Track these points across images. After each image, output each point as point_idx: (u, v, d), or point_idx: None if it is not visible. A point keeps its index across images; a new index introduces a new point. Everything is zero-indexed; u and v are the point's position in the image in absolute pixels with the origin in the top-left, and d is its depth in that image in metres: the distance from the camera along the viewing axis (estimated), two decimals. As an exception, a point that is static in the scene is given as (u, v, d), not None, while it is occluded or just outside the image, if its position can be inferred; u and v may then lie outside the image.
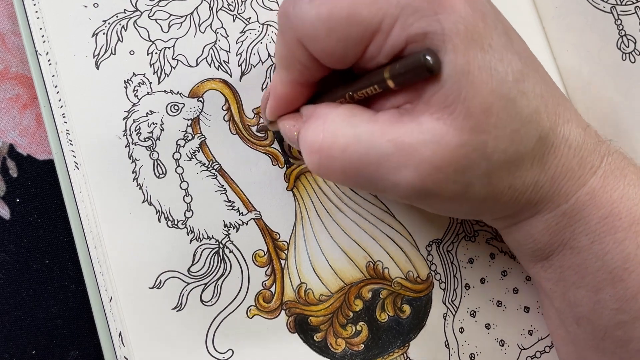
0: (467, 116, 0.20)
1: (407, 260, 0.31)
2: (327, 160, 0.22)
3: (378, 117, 0.22)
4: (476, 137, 0.20)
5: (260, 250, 0.29)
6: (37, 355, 0.29)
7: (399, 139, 0.21)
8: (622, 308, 0.24)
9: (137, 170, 0.28)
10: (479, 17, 0.20)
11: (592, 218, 0.24)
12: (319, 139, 0.22)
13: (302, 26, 0.21)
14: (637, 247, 0.23)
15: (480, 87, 0.20)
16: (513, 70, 0.21)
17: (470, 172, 0.21)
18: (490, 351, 0.31)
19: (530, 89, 0.21)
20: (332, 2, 0.20)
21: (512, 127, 0.21)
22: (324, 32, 0.21)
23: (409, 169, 0.21)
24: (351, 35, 0.21)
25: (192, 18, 0.30)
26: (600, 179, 0.24)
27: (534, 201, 0.24)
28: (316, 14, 0.21)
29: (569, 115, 0.23)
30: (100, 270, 0.27)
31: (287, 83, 0.24)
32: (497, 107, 0.20)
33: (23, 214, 0.29)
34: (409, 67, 0.20)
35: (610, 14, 0.31)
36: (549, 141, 0.22)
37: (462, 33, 0.20)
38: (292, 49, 0.22)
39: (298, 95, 0.25)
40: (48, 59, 0.28)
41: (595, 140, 0.24)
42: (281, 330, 0.29)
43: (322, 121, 0.23)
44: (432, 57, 0.19)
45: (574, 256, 0.24)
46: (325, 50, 0.22)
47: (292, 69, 0.24)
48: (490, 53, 0.20)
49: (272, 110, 0.26)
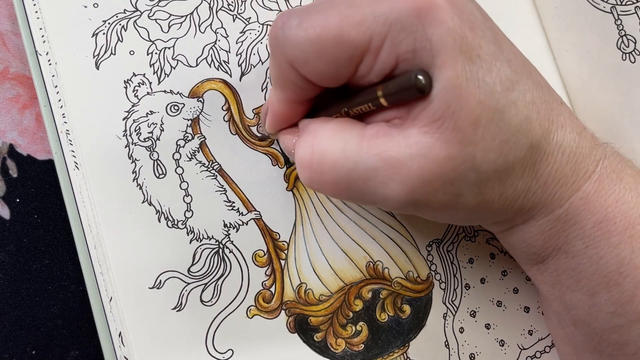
0: (455, 130, 0.20)
1: (407, 260, 0.31)
2: (317, 175, 0.23)
3: (366, 132, 0.22)
4: (464, 150, 0.20)
5: (260, 250, 0.29)
6: (37, 355, 0.29)
7: (385, 153, 0.21)
8: (617, 312, 0.24)
9: (137, 170, 0.28)
10: (466, 26, 0.20)
11: (587, 223, 0.23)
12: (309, 155, 0.23)
13: (292, 49, 0.21)
14: (632, 252, 0.23)
15: (468, 99, 0.20)
16: (502, 80, 0.21)
17: (459, 184, 0.21)
18: (490, 351, 0.31)
19: (521, 97, 0.21)
20: (320, 24, 0.21)
21: (500, 138, 0.21)
22: (313, 54, 0.21)
23: (397, 183, 0.21)
24: (341, 57, 0.21)
25: (192, 18, 0.30)
26: (595, 183, 0.23)
27: (527, 208, 0.24)
28: (304, 37, 0.21)
29: (563, 120, 0.23)
30: (100, 270, 0.27)
31: (283, 102, 0.25)
32: (485, 119, 0.20)
33: (23, 214, 0.29)
34: (401, 88, 0.20)
35: (610, 14, 0.31)
36: (541, 149, 0.22)
37: (449, 46, 0.19)
38: (284, 70, 0.23)
39: (295, 112, 0.25)
40: (48, 59, 0.28)
41: (590, 144, 0.24)
42: (281, 330, 0.29)
43: (312, 137, 0.23)
44: (424, 77, 0.20)
45: (569, 260, 0.24)
46: (316, 72, 0.22)
47: (286, 89, 0.24)
48: (478, 64, 0.20)
49: (271, 126, 0.26)
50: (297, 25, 0.21)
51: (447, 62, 0.20)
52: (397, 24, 0.20)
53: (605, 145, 0.25)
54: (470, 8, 0.21)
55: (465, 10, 0.20)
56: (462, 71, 0.20)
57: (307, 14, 0.21)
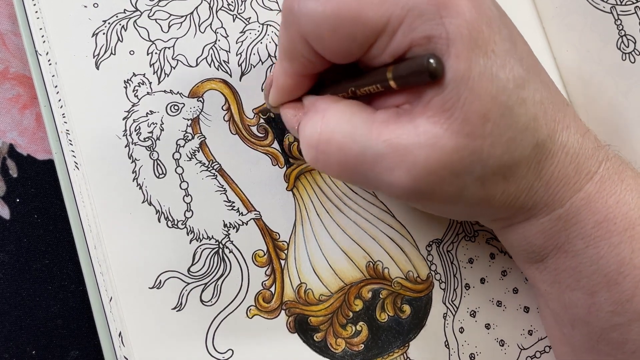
0: (464, 121, 0.20)
1: (407, 260, 0.31)
2: (323, 156, 0.22)
3: (376, 117, 0.22)
4: (472, 143, 0.20)
5: (260, 250, 0.29)
6: (37, 355, 0.29)
7: (394, 140, 0.21)
8: (617, 311, 0.24)
9: (137, 170, 0.28)
10: (484, 21, 0.20)
11: (587, 223, 0.24)
12: (317, 135, 0.22)
13: (307, 23, 0.21)
14: (632, 252, 0.23)
15: (480, 93, 0.20)
16: (514, 77, 0.21)
17: (464, 176, 0.21)
18: (490, 351, 0.31)
19: (530, 96, 0.21)
20: (338, 1, 0.20)
21: (508, 135, 0.21)
22: (328, 30, 0.21)
23: (403, 170, 0.21)
24: (356, 36, 0.21)
25: (192, 18, 0.30)
26: (597, 184, 0.23)
27: (528, 206, 0.24)
28: (322, 12, 0.21)
29: (568, 122, 0.23)
30: (100, 270, 0.27)
31: (290, 75, 0.24)
32: (495, 114, 0.20)
33: (23, 214, 0.29)
34: (412, 71, 0.20)
35: (610, 14, 0.31)
36: (546, 148, 0.22)
37: (465, 38, 0.19)
38: (295, 43, 0.22)
39: (301, 86, 0.25)
40: (48, 59, 0.28)
41: (594, 145, 0.24)
42: (281, 330, 0.29)
43: (320, 116, 0.23)
44: (436, 62, 0.19)
45: (569, 259, 0.24)
46: (329, 48, 0.22)
47: (295, 62, 0.23)
48: (493, 59, 0.20)
49: (274, 99, 0.26)
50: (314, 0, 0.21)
51: (462, 53, 0.19)
52: (416, 10, 0.20)
53: (607, 147, 0.25)
54: (488, 4, 0.21)
55: (483, 5, 0.20)
56: (475, 64, 0.20)
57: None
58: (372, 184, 0.22)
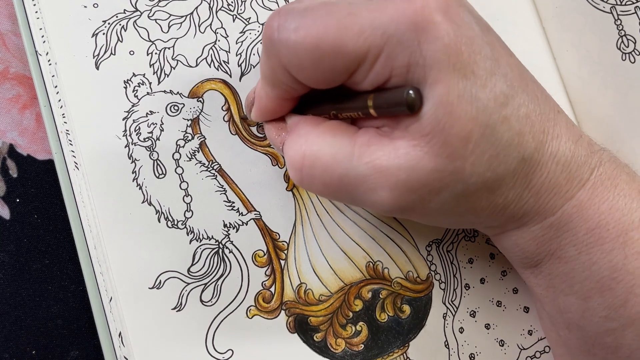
0: (444, 144, 0.20)
1: (407, 260, 0.31)
2: (308, 178, 0.23)
3: (357, 139, 0.22)
4: (452, 163, 0.20)
5: (260, 250, 0.29)
6: (37, 355, 0.29)
7: (376, 161, 0.21)
8: (610, 316, 0.24)
9: (137, 170, 0.28)
10: (463, 42, 0.20)
11: (580, 230, 0.23)
12: (300, 158, 0.23)
13: (287, 54, 0.21)
14: (624, 257, 0.23)
15: (460, 115, 0.20)
16: (496, 96, 0.21)
17: (445, 193, 0.21)
18: (490, 351, 0.31)
19: (514, 112, 0.21)
20: (318, 32, 0.20)
21: (490, 153, 0.21)
22: (308, 61, 0.21)
23: (385, 190, 0.21)
24: (336, 66, 0.21)
25: (192, 18, 0.30)
26: (589, 191, 0.23)
27: (518, 215, 0.24)
28: (301, 43, 0.21)
29: (558, 131, 0.23)
30: (100, 270, 0.27)
31: (272, 99, 0.25)
32: (477, 134, 0.20)
33: (23, 214, 0.29)
34: (391, 102, 0.21)
35: (610, 14, 0.31)
36: (534, 160, 0.22)
37: (443, 63, 0.19)
38: (277, 72, 0.23)
39: (283, 107, 0.25)
40: (48, 59, 0.28)
41: (586, 152, 0.24)
42: (281, 330, 0.29)
43: (304, 140, 0.23)
44: (414, 93, 0.20)
45: (562, 265, 0.24)
46: (310, 77, 0.22)
47: (277, 88, 0.24)
48: (472, 80, 0.20)
49: (257, 117, 0.26)
50: (294, 30, 0.21)
51: (439, 79, 0.20)
52: (394, 38, 0.20)
53: (602, 151, 0.25)
54: (468, 22, 0.21)
55: (463, 25, 0.20)
56: (454, 88, 0.20)
57: (303, 16, 0.21)
58: (357, 202, 0.23)
